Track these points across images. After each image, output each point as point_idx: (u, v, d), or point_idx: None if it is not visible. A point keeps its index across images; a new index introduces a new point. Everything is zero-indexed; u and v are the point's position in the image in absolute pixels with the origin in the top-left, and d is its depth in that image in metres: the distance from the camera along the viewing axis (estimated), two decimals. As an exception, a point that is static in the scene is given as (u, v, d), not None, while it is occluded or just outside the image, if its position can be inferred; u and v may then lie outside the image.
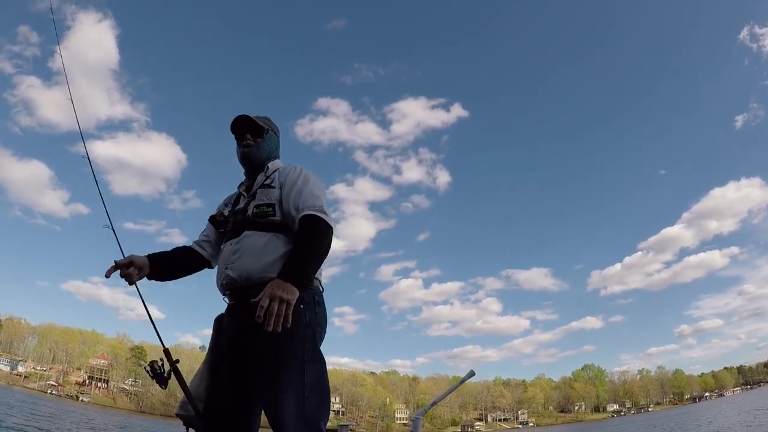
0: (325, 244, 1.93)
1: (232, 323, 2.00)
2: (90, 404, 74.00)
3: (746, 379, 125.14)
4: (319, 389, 1.84)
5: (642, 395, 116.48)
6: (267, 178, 2.17)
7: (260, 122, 2.26)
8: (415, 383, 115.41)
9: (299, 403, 1.76)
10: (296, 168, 2.18)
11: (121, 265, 2.11)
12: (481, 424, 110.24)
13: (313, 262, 1.87)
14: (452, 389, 5.43)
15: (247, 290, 1.93)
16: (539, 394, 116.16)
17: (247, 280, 1.95)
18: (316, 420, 1.79)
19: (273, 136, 2.32)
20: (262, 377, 1.83)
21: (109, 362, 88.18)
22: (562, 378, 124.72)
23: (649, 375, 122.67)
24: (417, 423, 4.58)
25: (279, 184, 2.11)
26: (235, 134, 2.27)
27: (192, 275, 2.39)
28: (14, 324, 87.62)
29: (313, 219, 1.93)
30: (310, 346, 1.88)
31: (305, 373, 1.81)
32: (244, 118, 2.24)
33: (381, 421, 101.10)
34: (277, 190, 2.09)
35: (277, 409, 1.76)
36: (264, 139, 2.26)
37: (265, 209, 2.05)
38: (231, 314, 2.04)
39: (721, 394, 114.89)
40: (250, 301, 1.77)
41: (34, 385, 78.36)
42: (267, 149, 2.27)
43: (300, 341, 1.85)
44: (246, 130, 2.24)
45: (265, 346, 1.82)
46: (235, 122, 2.25)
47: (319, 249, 1.91)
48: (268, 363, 1.82)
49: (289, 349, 1.82)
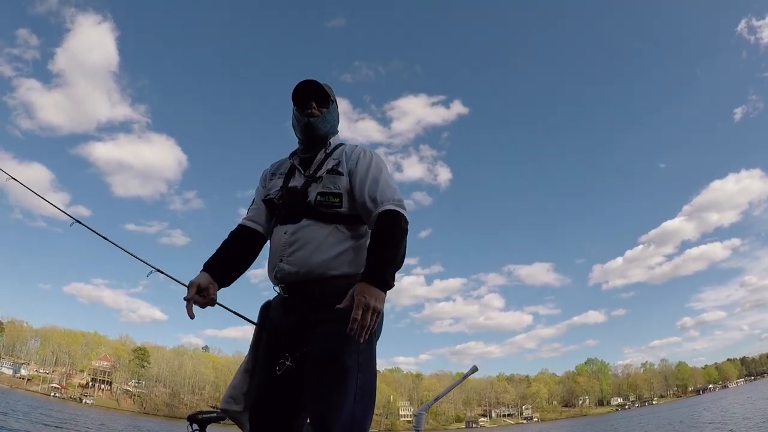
0: (405, 241, 1.79)
1: (287, 318, 1.86)
2: (94, 406, 74.14)
3: (750, 370, 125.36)
4: (369, 393, 1.75)
5: (646, 388, 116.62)
6: (332, 160, 1.95)
7: (328, 90, 2.02)
8: (419, 380, 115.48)
9: (350, 408, 1.67)
10: (365, 152, 1.98)
11: (197, 301, 1.87)
12: (485, 420, 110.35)
13: (399, 263, 1.76)
14: (455, 385, 5.36)
15: (304, 285, 1.83)
16: (543, 389, 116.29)
17: (306, 274, 1.81)
18: (363, 425, 1.70)
19: (336, 108, 2.09)
20: (316, 378, 1.72)
21: (112, 364, 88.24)
22: (565, 373, 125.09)
23: (652, 368, 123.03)
24: (420, 418, 4.50)
25: (348, 170, 1.91)
26: (297, 101, 2.00)
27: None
28: (16, 327, 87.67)
29: (395, 215, 1.79)
30: (368, 352, 1.79)
31: (359, 377, 1.72)
32: (311, 83, 1.98)
33: (385, 419, 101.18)
34: (345, 177, 1.89)
35: (327, 412, 1.66)
36: (329, 109, 2.03)
37: (331, 199, 1.85)
38: (286, 308, 1.88)
39: (725, 385, 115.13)
40: (308, 298, 1.76)
41: (37, 388, 78.40)
42: (331, 121, 2.05)
43: (357, 344, 1.72)
44: (311, 97, 1.99)
45: (326, 350, 1.74)
46: (300, 87, 1.98)
47: (403, 249, 1.78)
48: (325, 365, 1.72)
49: (349, 354, 1.72)
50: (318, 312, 1.78)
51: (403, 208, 1.81)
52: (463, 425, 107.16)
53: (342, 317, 1.68)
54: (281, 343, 1.84)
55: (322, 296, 1.79)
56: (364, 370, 1.74)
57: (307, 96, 1.99)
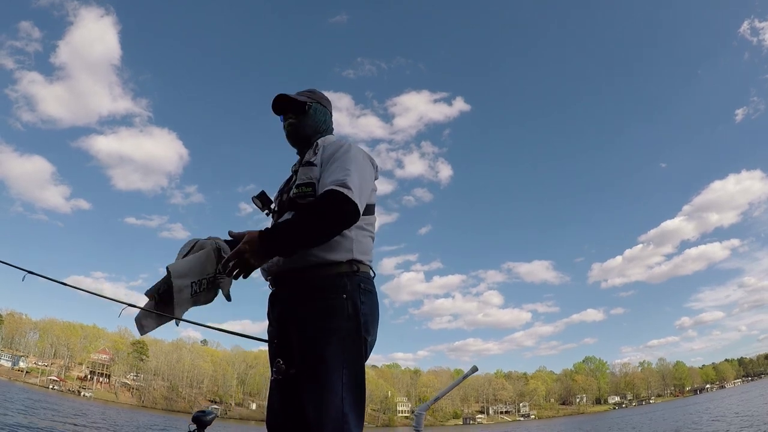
0: (332, 219, 1.69)
1: (274, 313, 1.93)
2: (92, 399, 74.29)
3: (747, 370, 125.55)
4: (356, 387, 1.71)
5: (643, 387, 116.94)
6: (312, 155, 2.01)
7: (299, 98, 2.10)
8: (417, 376, 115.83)
9: (338, 403, 1.65)
10: (338, 142, 2.01)
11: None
12: (482, 416, 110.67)
13: (306, 237, 1.69)
14: (455, 385, 5.31)
15: (287, 275, 1.86)
16: (541, 386, 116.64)
17: (288, 264, 1.83)
18: (349, 421, 1.66)
19: (320, 108, 2.15)
20: (301, 373, 1.72)
21: (111, 357, 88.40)
22: (563, 370, 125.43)
23: (650, 367, 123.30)
24: (420, 418, 4.46)
25: (321, 161, 1.94)
26: (278, 114, 2.14)
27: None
28: (15, 319, 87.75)
29: (330, 193, 1.70)
30: (351, 342, 1.73)
31: (344, 372, 1.68)
32: (279, 97, 2.09)
33: (383, 414, 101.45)
34: (318, 167, 1.92)
35: (312, 408, 1.65)
36: (307, 113, 2.10)
37: (304, 189, 1.89)
38: (272, 302, 1.95)
39: (722, 385, 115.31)
40: (292, 290, 1.80)
41: (36, 380, 78.49)
42: (313, 124, 2.12)
43: (341, 337, 1.71)
44: (288, 109, 2.11)
45: (305, 341, 1.73)
46: (273, 103, 2.11)
47: (319, 222, 1.68)
48: (306, 359, 1.71)
49: (329, 345, 1.70)
50: (302, 304, 1.78)
51: (345, 188, 1.70)
52: (461, 422, 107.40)
53: (325, 311, 1.72)
54: (279, 338, 1.87)
55: (304, 286, 1.80)
56: (350, 363, 1.71)
57: (282, 108, 2.12)
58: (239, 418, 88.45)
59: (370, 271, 1.91)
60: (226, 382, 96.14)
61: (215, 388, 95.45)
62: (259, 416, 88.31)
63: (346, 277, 1.79)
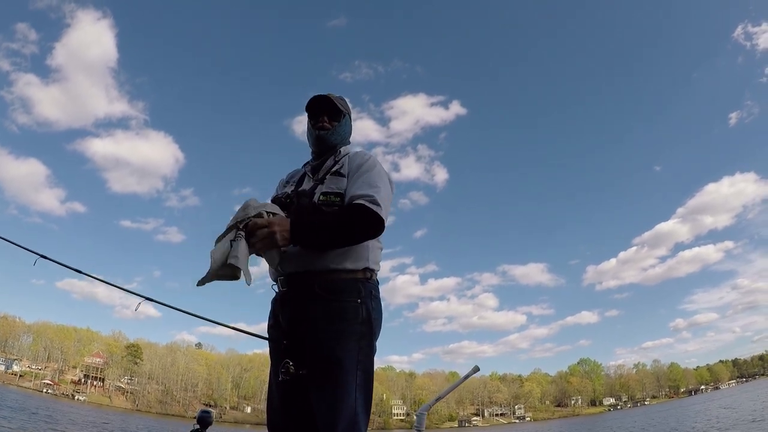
0: (361, 232, 1.84)
1: (285, 313, 1.92)
2: (86, 403, 73.57)
3: (741, 372, 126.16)
4: (366, 388, 1.79)
5: (638, 389, 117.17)
6: (337, 164, 2.06)
7: (340, 105, 2.15)
8: (412, 379, 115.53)
9: (349, 404, 1.71)
10: (365, 155, 2.07)
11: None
12: (478, 419, 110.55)
13: (331, 237, 1.81)
14: (456, 384, 5.29)
15: (304, 277, 1.87)
16: (536, 388, 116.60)
17: (307, 266, 1.87)
18: (360, 420, 1.73)
19: (348, 120, 2.23)
20: (314, 373, 1.76)
21: (105, 360, 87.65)
22: (558, 372, 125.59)
23: (644, 369, 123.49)
24: (421, 418, 4.45)
25: (348, 171, 2.01)
26: (310, 113, 2.15)
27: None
28: (9, 322, 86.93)
29: (359, 207, 1.83)
30: (365, 344, 1.83)
31: (358, 373, 1.76)
32: (323, 98, 2.12)
33: (378, 417, 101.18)
34: (346, 178, 1.99)
35: (326, 409, 1.70)
36: (341, 123, 2.16)
37: (333, 198, 1.93)
38: (284, 302, 1.93)
39: (717, 387, 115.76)
40: (307, 291, 1.81)
41: (29, 384, 77.80)
42: (342, 134, 2.18)
43: (356, 339, 1.80)
44: (323, 111, 2.13)
45: (319, 343, 1.78)
46: (313, 100, 2.12)
47: (349, 231, 1.82)
48: (321, 359, 1.76)
49: (343, 348, 1.77)
50: (316, 306, 1.82)
51: (375, 204, 1.83)
52: (456, 424, 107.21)
53: (342, 313, 1.78)
54: (287, 341, 1.87)
55: (320, 289, 1.83)
56: (362, 365, 1.78)
57: (320, 110, 2.13)
58: (234, 422, 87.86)
59: (376, 279, 1.99)
60: (220, 386, 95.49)
61: (210, 392, 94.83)
62: (253, 419, 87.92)
63: (361, 284, 1.88)
